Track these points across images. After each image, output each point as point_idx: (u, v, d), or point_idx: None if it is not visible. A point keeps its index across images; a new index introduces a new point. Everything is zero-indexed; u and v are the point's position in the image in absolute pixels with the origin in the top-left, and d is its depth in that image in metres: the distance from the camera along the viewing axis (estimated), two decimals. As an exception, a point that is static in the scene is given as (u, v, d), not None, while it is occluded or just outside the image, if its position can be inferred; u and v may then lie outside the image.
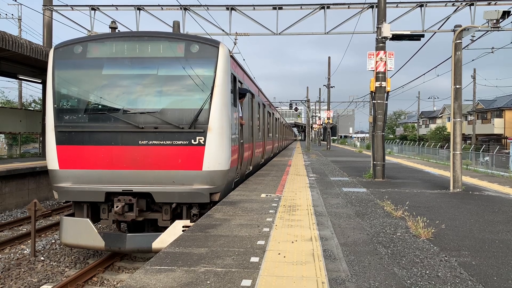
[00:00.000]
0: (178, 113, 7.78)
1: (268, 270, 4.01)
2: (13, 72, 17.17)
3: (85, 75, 8.19)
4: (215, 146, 7.73)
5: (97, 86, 8.11)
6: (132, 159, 7.67)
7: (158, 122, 7.68)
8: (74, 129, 7.84)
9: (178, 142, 7.67)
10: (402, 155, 36.87)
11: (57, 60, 8.09)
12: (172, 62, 8.00)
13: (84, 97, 8.06)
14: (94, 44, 8.14)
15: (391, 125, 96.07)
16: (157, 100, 7.97)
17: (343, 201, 8.14)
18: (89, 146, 7.78)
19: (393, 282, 3.75)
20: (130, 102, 7.92)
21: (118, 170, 7.70)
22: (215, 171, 7.77)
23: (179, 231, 7.26)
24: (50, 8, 20.55)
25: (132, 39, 8.13)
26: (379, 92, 12.05)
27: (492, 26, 10.26)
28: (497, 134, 49.98)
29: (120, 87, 8.11)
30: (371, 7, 18.90)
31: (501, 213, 7.20)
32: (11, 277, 7.69)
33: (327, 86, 40.55)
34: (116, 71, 8.15)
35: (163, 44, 8.11)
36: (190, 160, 7.66)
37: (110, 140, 7.73)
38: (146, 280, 3.74)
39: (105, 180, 7.74)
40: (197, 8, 19.57)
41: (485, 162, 26.15)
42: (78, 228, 7.85)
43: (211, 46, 8.02)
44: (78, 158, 7.80)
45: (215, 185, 7.83)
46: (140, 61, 8.02)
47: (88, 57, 8.10)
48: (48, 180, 15.61)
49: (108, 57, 8.11)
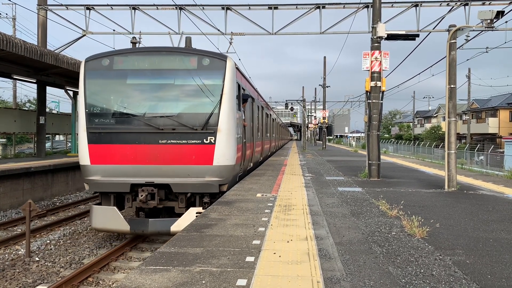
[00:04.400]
0: (192, 116, 9.08)
1: (264, 269, 4.02)
2: (7, 72, 17.06)
3: (112, 84, 9.50)
4: (224, 145, 9.01)
5: (122, 93, 9.43)
6: (153, 156, 8.93)
7: (175, 125, 8.97)
8: (103, 130, 9.09)
9: (192, 141, 8.97)
10: (397, 154, 37.00)
11: (87, 71, 9.33)
12: (187, 73, 9.28)
13: (112, 103, 9.39)
14: (119, 58, 9.43)
15: (386, 124, 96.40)
16: (174, 106, 9.31)
17: (339, 201, 8.16)
18: (116, 145, 9.05)
19: (388, 281, 3.76)
20: (151, 107, 9.25)
21: (141, 165, 8.97)
22: (223, 165, 9.06)
23: (193, 216, 8.28)
24: (44, 8, 20.46)
25: (152, 54, 9.46)
26: (374, 91, 12.08)
27: (486, 26, 10.29)
28: (492, 133, 50.23)
29: (142, 94, 9.45)
30: (366, 7, 18.97)
31: (495, 212, 7.24)
32: (5, 278, 7.65)
33: (322, 86, 40.61)
34: (139, 80, 9.47)
35: (178, 58, 9.43)
36: (203, 157, 8.96)
37: (134, 139, 9.00)
38: (141, 280, 3.74)
39: (130, 174, 9.00)
40: (193, 7, 19.56)
41: (480, 161, 26.31)
42: (106, 215, 9.12)
43: (219, 59, 9.34)
44: (107, 155, 9.06)
45: (224, 178, 9.14)
46: (159, 72, 9.35)
47: (114, 68, 9.37)
48: (42, 181, 15.56)
49: (131, 68, 9.42)
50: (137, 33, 20.45)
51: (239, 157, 10.11)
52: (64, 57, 17.19)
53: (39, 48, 15.72)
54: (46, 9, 20.53)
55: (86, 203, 15.65)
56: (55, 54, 16.68)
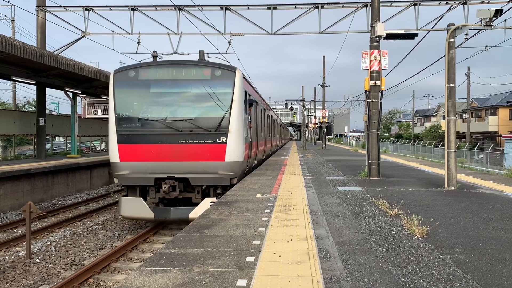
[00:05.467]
0: (207, 120, 10.42)
1: (264, 269, 4.02)
2: (6, 73, 17.05)
3: (138, 93, 10.88)
4: (234, 144, 10.35)
5: (146, 100, 10.86)
6: (173, 154, 10.25)
7: (192, 127, 10.33)
8: (131, 132, 10.44)
9: (207, 141, 10.32)
10: (397, 153, 36.99)
11: (116, 81, 10.63)
12: (201, 82, 10.58)
13: (137, 108, 10.82)
14: (143, 69, 10.74)
15: (386, 123, 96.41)
16: (191, 111, 10.68)
17: (339, 200, 8.17)
18: (142, 144, 10.36)
19: (388, 280, 3.77)
20: (171, 112, 10.61)
21: (163, 161, 10.24)
22: (233, 162, 10.41)
23: (208, 205, 9.27)
24: (43, 9, 20.46)
25: (172, 66, 10.86)
26: (374, 91, 12.08)
27: (485, 25, 10.28)
28: (492, 132, 50.23)
29: (163, 101, 10.83)
30: (365, 6, 18.97)
31: (495, 210, 7.25)
32: (6, 279, 7.65)
33: (322, 85, 40.61)
34: (161, 89, 10.80)
35: (194, 69, 10.76)
36: (216, 154, 10.28)
37: (157, 140, 10.32)
38: (141, 281, 3.74)
39: (154, 169, 10.26)
40: (192, 8, 19.56)
41: (480, 160, 26.32)
42: (133, 204, 10.39)
43: (229, 71, 10.71)
44: (134, 153, 10.34)
45: (234, 172, 10.48)
46: (178, 82, 10.69)
47: (139, 79, 10.66)
48: (42, 182, 15.57)
49: (154, 79, 10.71)
50: (136, 34, 20.47)
51: (246, 154, 11.39)
52: (64, 58, 17.20)
53: (39, 50, 15.72)
54: (45, 11, 20.53)
55: (86, 204, 15.66)
56: (55, 56, 16.69)
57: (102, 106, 50.41)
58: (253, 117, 13.49)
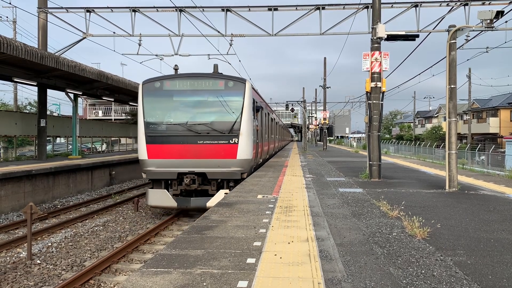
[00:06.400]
0: (221, 124, 12.12)
1: (265, 271, 4.02)
2: (8, 74, 17.06)
3: (162, 101, 12.64)
4: (244, 144, 12.06)
5: (170, 107, 12.67)
6: (193, 152, 11.94)
7: (209, 130, 12.04)
8: (157, 134, 12.16)
9: (221, 141, 12.01)
10: (398, 155, 36.96)
11: (144, 91, 12.38)
12: (217, 92, 12.34)
13: (162, 114, 12.56)
14: (167, 81, 12.55)
15: (387, 125, 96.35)
16: (208, 116, 12.36)
17: (340, 202, 8.16)
18: (167, 144, 12.07)
19: (389, 282, 3.76)
20: (191, 117, 12.33)
21: (185, 159, 11.97)
22: (244, 159, 12.14)
23: (222, 196, 10.59)
24: (45, 11, 20.50)
25: (191, 78, 12.55)
26: (375, 92, 12.08)
27: (486, 26, 10.29)
28: (493, 133, 50.16)
29: (184, 108, 12.62)
30: (366, 7, 18.97)
31: (496, 212, 7.24)
32: (7, 280, 7.65)
33: (323, 86, 40.59)
34: (182, 98, 12.62)
35: (210, 81, 12.54)
36: (229, 153, 11.96)
37: (179, 140, 12.03)
38: (142, 282, 3.74)
39: (177, 165, 12.00)
40: (193, 9, 19.56)
41: (481, 161, 26.28)
42: (158, 195, 12.16)
43: (240, 82, 12.47)
44: (160, 152, 12.04)
45: (244, 168, 12.22)
46: (196, 92, 12.46)
47: (164, 89, 12.47)
48: (43, 183, 15.58)
49: (176, 89, 12.50)
50: (137, 35, 20.49)
51: (254, 153, 13.14)
52: (65, 59, 17.23)
53: (40, 51, 15.75)
54: (47, 12, 20.56)
55: (87, 205, 15.66)
56: (56, 57, 16.71)
57: (103, 108, 50.50)
58: (259, 121, 15.01)
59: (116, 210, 14.73)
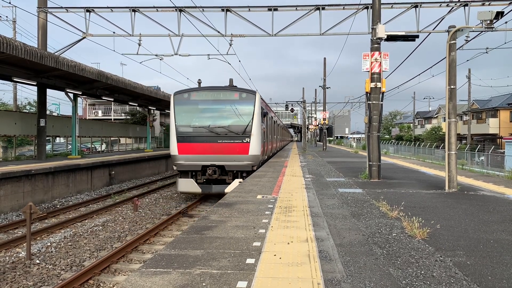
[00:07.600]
0: (236, 127, 15.07)
1: (264, 271, 4.01)
2: (8, 74, 17.05)
3: (190, 108, 15.58)
4: (254, 143, 14.95)
5: (196, 113, 15.57)
6: (214, 149, 14.89)
7: (227, 131, 15.02)
8: (186, 135, 15.10)
9: (236, 141, 14.93)
10: (398, 155, 36.96)
11: (175, 100, 15.40)
12: (233, 102, 15.37)
13: (190, 119, 15.45)
14: (194, 92, 15.67)
15: (386, 125, 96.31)
16: (226, 120, 15.28)
17: (339, 202, 8.16)
18: (193, 143, 15.00)
19: (389, 283, 3.76)
20: (213, 122, 15.22)
21: (207, 155, 14.92)
22: (254, 155, 15.00)
23: (237, 184, 13.38)
24: (45, 10, 20.49)
25: (213, 90, 15.68)
26: (374, 92, 12.08)
27: (486, 27, 10.28)
28: (492, 134, 50.14)
29: (207, 114, 15.50)
30: (366, 8, 18.97)
31: (496, 212, 7.24)
32: (6, 280, 7.64)
33: (322, 87, 40.59)
34: (205, 106, 15.59)
35: (228, 92, 15.64)
36: (242, 149, 14.88)
37: (203, 140, 14.98)
38: (141, 282, 3.74)
39: (201, 160, 14.96)
40: (192, 9, 19.56)
41: (481, 162, 26.28)
42: (186, 183, 15.21)
43: (252, 94, 15.49)
44: (187, 149, 15.00)
45: (254, 162, 15.09)
46: (216, 101, 15.50)
47: (191, 99, 15.55)
48: (43, 183, 15.57)
49: (201, 99, 15.59)
50: (137, 35, 20.48)
51: (262, 151, 16.05)
52: (65, 59, 17.21)
53: (39, 51, 15.74)
54: (46, 12, 20.55)
55: (86, 205, 15.65)
56: (55, 57, 16.70)
57: (103, 107, 50.45)
58: (264, 123, 17.73)
59: (116, 210, 14.73)
